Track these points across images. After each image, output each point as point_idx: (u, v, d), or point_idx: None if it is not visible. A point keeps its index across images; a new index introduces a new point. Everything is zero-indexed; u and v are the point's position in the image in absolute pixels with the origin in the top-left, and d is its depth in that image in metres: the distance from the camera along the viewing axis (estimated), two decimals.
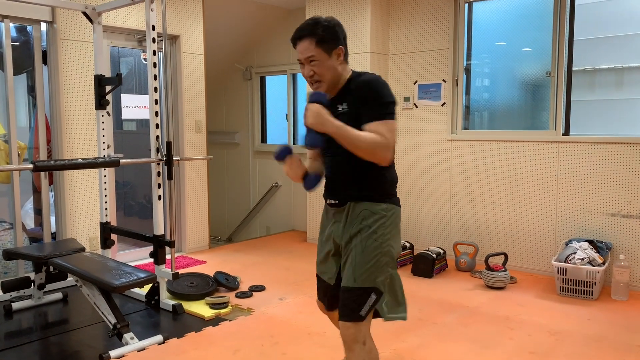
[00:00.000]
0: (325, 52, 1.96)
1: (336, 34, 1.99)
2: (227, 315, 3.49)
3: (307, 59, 1.97)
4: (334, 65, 1.98)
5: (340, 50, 2.00)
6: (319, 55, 1.95)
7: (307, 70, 1.99)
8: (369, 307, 1.94)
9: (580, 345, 2.98)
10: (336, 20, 2.02)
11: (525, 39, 4.65)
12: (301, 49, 1.97)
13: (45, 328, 3.36)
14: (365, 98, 1.93)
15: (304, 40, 1.96)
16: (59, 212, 4.32)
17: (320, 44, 1.95)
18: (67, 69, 4.23)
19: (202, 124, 5.24)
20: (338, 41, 1.99)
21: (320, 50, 1.95)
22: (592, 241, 3.98)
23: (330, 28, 1.98)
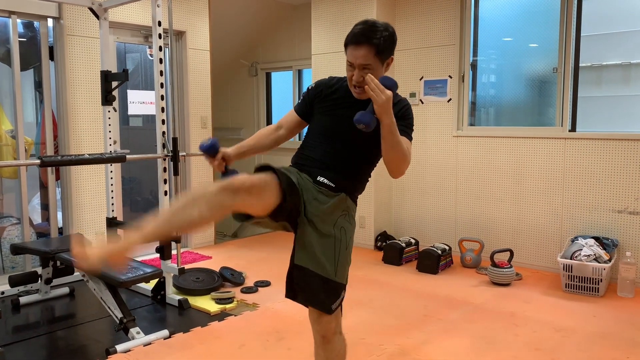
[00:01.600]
0: (380, 61, 1.93)
1: (393, 44, 1.96)
2: (232, 310, 3.51)
3: (361, 66, 1.91)
4: (382, 73, 1.95)
5: (391, 60, 1.97)
6: (375, 65, 1.91)
7: (357, 75, 1.93)
8: (339, 303, 1.99)
9: (586, 342, 2.98)
10: (392, 28, 1.99)
11: (532, 34, 4.63)
12: (358, 55, 1.91)
13: (52, 322, 3.39)
14: (400, 116, 1.95)
15: (363, 46, 1.90)
16: (65, 207, 4.35)
17: (379, 55, 1.90)
18: (73, 64, 4.25)
19: (208, 120, 5.25)
20: (392, 52, 1.97)
21: (377, 60, 1.91)
22: (599, 238, 3.96)
23: (389, 38, 1.93)
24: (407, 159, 1.91)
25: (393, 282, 4.08)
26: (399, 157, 1.87)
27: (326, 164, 2.02)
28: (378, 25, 1.93)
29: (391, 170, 1.93)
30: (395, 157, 1.87)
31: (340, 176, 2.00)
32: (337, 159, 2.02)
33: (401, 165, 1.91)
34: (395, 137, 1.84)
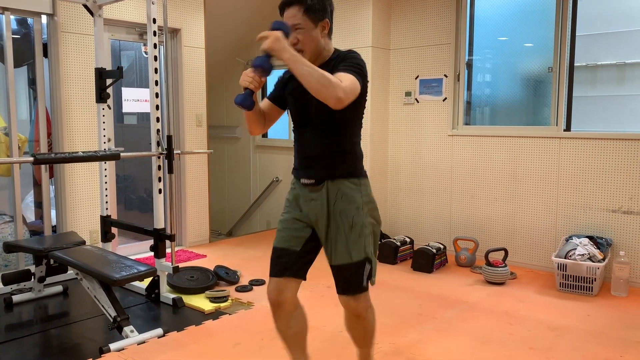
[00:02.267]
0: (312, 21, 1.99)
1: (324, 6, 2.02)
2: (227, 309, 3.50)
3: (293, 26, 1.99)
4: (318, 36, 2.01)
5: (325, 23, 2.03)
6: (305, 24, 1.98)
7: (291, 37, 2.00)
8: (367, 277, 2.08)
9: (580, 341, 2.98)
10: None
11: (527, 34, 4.64)
12: (288, 15, 2.00)
13: (46, 321, 3.37)
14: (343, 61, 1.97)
15: (293, 6, 1.99)
16: (59, 205, 4.32)
17: (308, 13, 1.98)
18: (67, 61, 4.22)
19: (203, 118, 5.23)
20: (325, 13, 2.02)
21: (306, 19, 1.98)
22: (593, 237, 3.98)
23: (320, 1, 2.00)
24: (329, 85, 1.80)
25: (388, 281, 4.08)
26: (315, 82, 1.81)
27: (304, 161, 2.11)
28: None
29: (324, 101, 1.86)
30: (312, 84, 1.81)
31: (317, 169, 2.07)
32: (311, 150, 2.07)
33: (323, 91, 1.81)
34: (303, 66, 1.81)
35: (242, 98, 1.97)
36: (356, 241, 2.04)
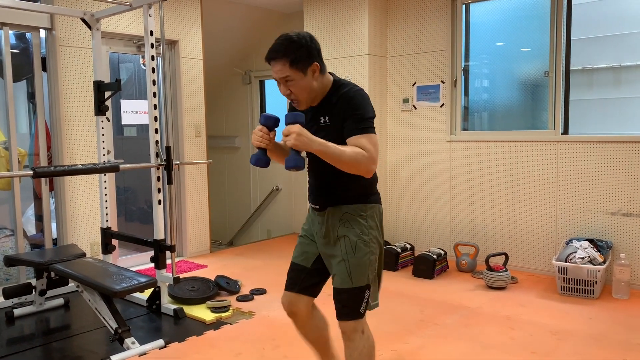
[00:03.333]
0: (300, 71, 1.97)
1: (309, 52, 1.98)
2: (228, 319, 3.50)
3: (283, 79, 1.99)
4: (310, 83, 2.00)
5: (315, 67, 2.00)
6: (294, 75, 1.97)
7: (283, 89, 2.02)
8: (366, 303, 2.06)
9: (582, 345, 2.98)
10: (308, 36, 2.01)
11: (523, 39, 4.67)
12: (276, 70, 1.99)
13: (47, 334, 3.37)
14: (348, 113, 1.97)
15: (278, 61, 1.96)
16: (59, 218, 4.33)
17: (294, 64, 1.95)
18: (66, 75, 4.25)
19: (202, 129, 5.25)
20: (312, 58, 1.99)
21: (294, 71, 1.96)
22: (593, 240, 3.98)
23: (303, 47, 1.97)
24: (359, 163, 1.91)
25: (389, 287, 4.08)
26: (348, 165, 1.92)
27: (313, 187, 2.17)
28: (291, 37, 1.98)
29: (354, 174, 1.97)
30: (347, 165, 1.92)
31: (323, 195, 2.12)
32: (317, 178, 2.14)
33: (359, 167, 1.92)
34: (332, 155, 1.89)
35: (256, 158, 2.00)
36: (357, 266, 2.04)
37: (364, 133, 1.94)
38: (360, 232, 2.06)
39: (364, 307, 2.04)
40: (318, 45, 2.03)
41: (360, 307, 2.04)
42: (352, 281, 2.03)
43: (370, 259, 2.06)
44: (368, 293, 2.06)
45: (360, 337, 2.05)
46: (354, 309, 2.04)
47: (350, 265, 2.04)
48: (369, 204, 2.11)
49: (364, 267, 2.04)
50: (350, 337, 2.06)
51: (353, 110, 1.97)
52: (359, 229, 2.06)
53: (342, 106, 1.99)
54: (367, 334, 2.08)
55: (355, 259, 2.04)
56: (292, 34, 1.99)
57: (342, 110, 1.98)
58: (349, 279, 2.03)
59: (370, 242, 2.07)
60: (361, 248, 2.05)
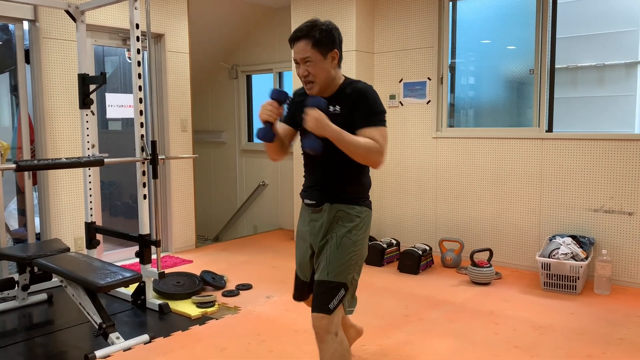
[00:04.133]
0: (321, 54, 2.02)
1: (333, 38, 2.05)
2: (213, 314, 3.49)
3: (303, 59, 2.03)
4: (328, 67, 2.05)
5: (335, 54, 2.06)
6: (315, 57, 2.01)
7: (302, 70, 2.06)
8: (338, 301, 2.05)
9: (564, 339, 3.02)
10: (334, 25, 2.08)
11: (509, 37, 4.70)
12: (298, 49, 2.03)
13: (30, 329, 3.34)
14: (361, 104, 2.03)
15: (301, 41, 2.02)
16: (43, 213, 4.29)
17: (317, 46, 2.01)
18: (50, 67, 4.19)
19: (188, 123, 5.22)
20: (334, 45, 2.05)
21: (316, 52, 2.01)
22: (575, 236, 4.03)
23: (328, 31, 2.03)
24: (371, 153, 1.97)
25: (374, 282, 4.10)
26: (360, 154, 1.98)
27: (310, 183, 2.19)
28: (317, 22, 2.05)
29: (363, 164, 2.05)
30: (359, 155, 1.98)
31: (320, 192, 2.14)
32: (318, 175, 2.16)
33: (370, 157, 1.99)
34: (346, 142, 1.94)
35: (263, 132, 2.05)
36: (340, 262, 2.06)
37: (376, 125, 2.01)
38: (350, 230, 2.08)
39: (334, 304, 2.03)
40: (341, 36, 2.10)
41: (330, 303, 2.03)
42: (329, 274, 2.05)
43: (353, 258, 2.08)
44: (343, 292, 2.06)
45: (332, 339, 2.03)
46: (323, 302, 2.03)
47: (331, 259, 2.06)
48: (364, 207, 2.14)
49: (345, 264, 2.06)
50: (323, 338, 2.04)
51: (366, 102, 2.03)
52: (349, 227, 2.08)
53: (355, 97, 2.04)
54: (341, 337, 2.06)
55: (337, 253, 2.06)
56: (318, 20, 2.06)
57: (355, 102, 2.03)
58: (326, 272, 2.06)
59: (358, 242, 2.09)
60: (347, 245, 2.07)
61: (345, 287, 2.06)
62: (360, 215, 2.11)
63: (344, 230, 2.08)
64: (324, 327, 2.03)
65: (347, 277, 2.07)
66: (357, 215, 2.11)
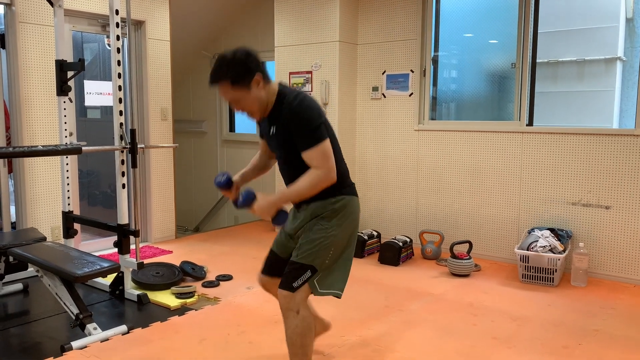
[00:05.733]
0: (244, 88, 2.01)
1: (247, 67, 2.00)
2: (193, 305, 3.47)
3: (231, 101, 2.06)
4: (257, 94, 2.05)
5: (258, 78, 2.03)
6: (239, 94, 2.02)
7: (235, 108, 2.10)
8: (302, 282, 2.14)
9: (541, 330, 3.06)
10: (244, 53, 2.02)
11: (492, 31, 4.72)
12: (221, 93, 2.04)
13: (5, 319, 3.27)
14: (295, 126, 2.03)
15: (220, 84, 2.02)
16: (19, 201, 4.20)
17: (236, 84, 2.00)
18: (26, 53, 4.10)
19: (168, 112, 5.15)
20: (252, 72, 2.01)
21: (238, 89, 2.01)
22: (554, 229, 4.08)
23: (240, 64, 2.00)
24: (317, 184, 2.04)
25: (355, 274, 4.08)
26: (315, 190, 2.07)
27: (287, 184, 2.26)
28: (227, 58, 2.01)
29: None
30: (314, 192, 2.07)
31: None
32: (287, 178, 2.23)
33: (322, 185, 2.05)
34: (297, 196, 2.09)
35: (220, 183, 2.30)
36: (308, 245, 2.14)
37: (312, 146, 2.01)
38: (323, 217, 2.15)
39: (298, 284, 2.13)
40: (256, 58, 2.05)
41: (294, 282, 2.13)
42: (298, 256, 2.15)
43: (324, 243, 2.13)
44: (309, 274, 2.13)
45: (293, 316, 2.14)
46: (288, 281, 2.14)
47: (302, 244, 2.16)
48: (340, 196, 2.17)
49: (313, 248, 2.13)
50: (285, 315, 2.17)
51: (299, 123, 2.02)
52: (322, 215, 2.16)
53: (288, 119, 2.04)
54: (303, 315, 2.15)
55: (306, 237, 2.16)
56: (227, 54, 2.01)
57: (289, 123, 2.04)
58: (296, 254, 2.16)
59: (330, 228, 2.14)
60: (316, 231, 2.14)
61: (312, 269, 2.14)
62: (335, 205, 2.15)
63: (316, 220, 2.17)
64: (286, 304, 2.15)
65: (314, 260, 2.13)
66: (332, 207, 2.15)
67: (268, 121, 2.15)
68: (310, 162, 2.02)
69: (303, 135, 2.02)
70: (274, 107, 2.10)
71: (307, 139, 2.01)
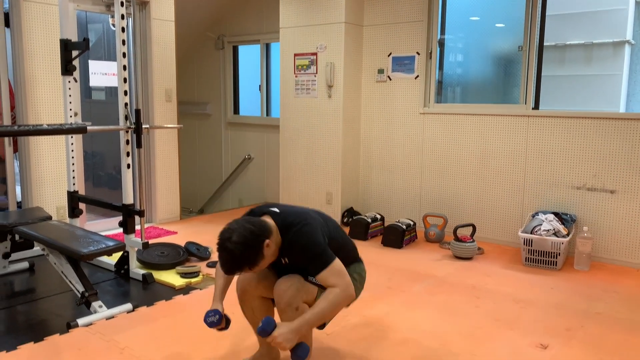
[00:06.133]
0: (260, 261, 2.02)
1: (257, 248, 2.00)
2: (198, 284, 3.49)
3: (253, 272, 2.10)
4: (271, 252, 2.06)
5: (266, 245, 2.02)
6: (259, 268, 2.05)
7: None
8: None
9: (543, 313, 3.08)
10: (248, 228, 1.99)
11: (499, 14, 4.67)
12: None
13: (11, 297, 3.31)
14: (304, 256, 2.07)
15: (241, 273, 2.05)
16: (24, 181, 4.22)
17: (253, 266, 2.01)
18: (31, 32, 4.09)
19: (173, 93, 5.14)
20: (261, 248, 2.00)
21: (255, 267, 2.02)
22: (558, 213, 4.08)
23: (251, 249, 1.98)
24: (340, 304, 2.04)
25: None
26: (335, 312, 2.08)
27: None
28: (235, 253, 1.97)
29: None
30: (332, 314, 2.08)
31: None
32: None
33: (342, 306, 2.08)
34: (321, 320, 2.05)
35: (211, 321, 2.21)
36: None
37: (325, 268, 2.04)
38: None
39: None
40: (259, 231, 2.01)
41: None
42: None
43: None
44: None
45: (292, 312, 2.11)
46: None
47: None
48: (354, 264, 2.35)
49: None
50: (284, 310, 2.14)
51: (307, 252, 2.06)
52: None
53: (297, 252, 2.09)
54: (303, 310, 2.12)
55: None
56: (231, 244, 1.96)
57: (298, 255, 2.09)
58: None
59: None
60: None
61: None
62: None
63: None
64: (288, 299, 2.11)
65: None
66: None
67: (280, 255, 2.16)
68: (326, 282, 2.04)
69: (316, 260, 2.06)
70: (282, 244, 2.12)
71: (319, 261, 2.05)
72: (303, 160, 5.31)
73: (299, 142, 5.32)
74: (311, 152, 5.23)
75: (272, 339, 1.93)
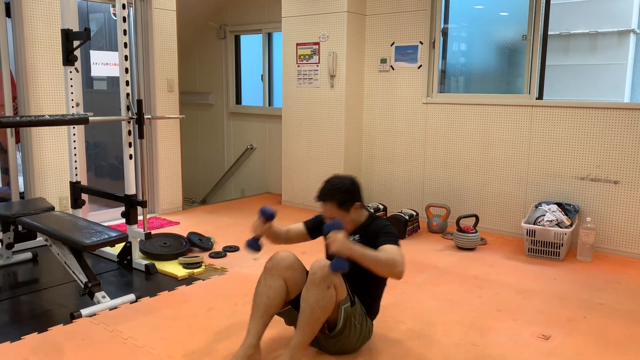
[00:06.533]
0: (345, 211, 2.34)
1: (353, 195, 2.36)
2: (200, 275, 3.50)
3: (331, 216, 2.33)
4: (353, 217, 2.38)
5: (357, 206, 2.37)
6: (340, 214, 2.32)
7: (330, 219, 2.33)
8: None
9: (546, 303, 3.08)
10: (351, 180, 2.38)
11: (503, 2, 4.63)
12: (325, 210, 2.36)
13: (15, 287, 3.32)
14: (380, 232, 2.30)
15: (327, 203, 2.34)
16: (27, 172, 4.22)
17: (341, 207, 2.33)
18: (32, 22, 4.07)
19: (175, 83, 5.12)
20: (355, 200, 2.36)
21: (341, 211, 2.33)
22: (561, 204, 4.06)
23: (348, 192, 2.34)
24: (395, 265, 2.14)
25: None
26: (383, 269, 2.18)
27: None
28: (337, 184, 2.35)
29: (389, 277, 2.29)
30: (381, 270, 2.18)
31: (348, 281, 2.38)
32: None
33: (391, 270, 2.16)
34: (371, 261, 2.14)
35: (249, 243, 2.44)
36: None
37: (394, 243, 2.23)
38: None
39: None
40: (359, 186, 2.41)
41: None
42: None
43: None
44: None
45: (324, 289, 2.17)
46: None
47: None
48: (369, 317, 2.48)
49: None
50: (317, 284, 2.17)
51: (384, 230, 2.31)
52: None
53: (374, 228, 2.35)
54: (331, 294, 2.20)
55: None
56: (338, 180, 2.35)
57: (375, 232, 2.32)
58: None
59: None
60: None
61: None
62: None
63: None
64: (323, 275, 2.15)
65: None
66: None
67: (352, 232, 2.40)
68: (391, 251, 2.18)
69: (389, 236, 2.27)
70: (362, 226, 2.40)
71: (390, 237, 2.27)
72: (305, 150, 5.30)
73: (301, 132, 5.30)
74: (313, 142, 5.21)
75: (330, 236, 2.11)
